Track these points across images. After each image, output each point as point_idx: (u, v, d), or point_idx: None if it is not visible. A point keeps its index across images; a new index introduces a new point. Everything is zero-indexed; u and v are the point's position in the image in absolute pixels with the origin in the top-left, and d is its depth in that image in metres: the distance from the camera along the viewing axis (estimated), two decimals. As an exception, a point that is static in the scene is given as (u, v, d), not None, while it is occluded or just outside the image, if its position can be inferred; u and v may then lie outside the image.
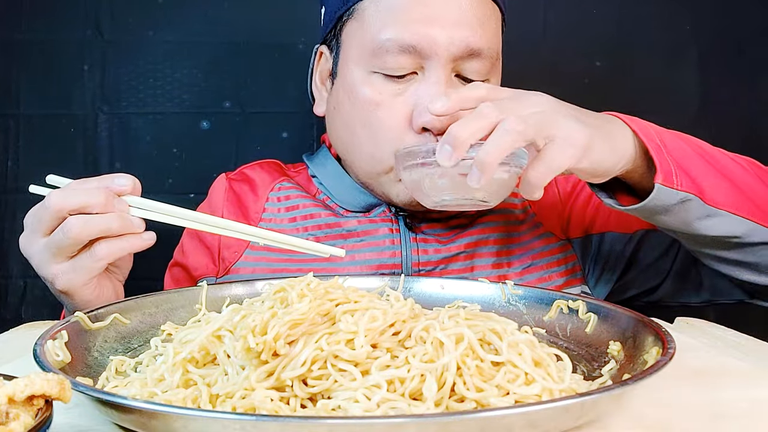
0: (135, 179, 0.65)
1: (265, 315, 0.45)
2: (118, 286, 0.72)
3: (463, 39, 0.75)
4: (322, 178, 0.90)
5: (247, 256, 0.86)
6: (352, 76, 0.79)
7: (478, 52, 0.76)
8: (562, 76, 1.18)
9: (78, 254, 0.64)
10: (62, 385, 0.36)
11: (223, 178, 0.94)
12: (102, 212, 0.62)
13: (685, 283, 0.85)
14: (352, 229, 0.84)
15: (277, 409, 0.41)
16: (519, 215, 0.88)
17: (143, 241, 0.65)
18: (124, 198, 0.64)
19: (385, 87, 0.77)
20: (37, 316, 0.82)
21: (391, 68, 0.76)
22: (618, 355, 0.53)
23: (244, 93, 1.15)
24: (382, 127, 0.77)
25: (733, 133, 1.18)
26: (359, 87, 0.78)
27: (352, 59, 0.80)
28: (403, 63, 0.76)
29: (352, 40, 0.80)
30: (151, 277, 0.92)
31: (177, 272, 0.91)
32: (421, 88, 0.76)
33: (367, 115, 0.78)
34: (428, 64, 0.75)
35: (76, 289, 0.65)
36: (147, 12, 1.13)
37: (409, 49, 0.75)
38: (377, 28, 0.76)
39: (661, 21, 1.18)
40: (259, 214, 0.88)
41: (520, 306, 0.65)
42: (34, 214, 0.65)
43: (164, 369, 0.47)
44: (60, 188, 0.65)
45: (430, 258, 0.83)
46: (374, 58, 0.77)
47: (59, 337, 0.51)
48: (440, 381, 0.42)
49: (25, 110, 1.12)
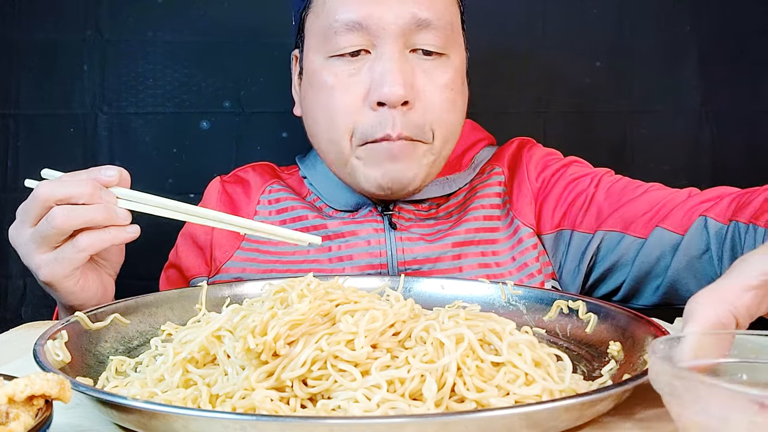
0: (123, 170, 0.65)
1: (264, 315, 0.45)
2: (108, 280, 0.71)
3: (409, 11, 0.77)
4: (312, 178, 0.92)
5: (237, 256, 0.87)
6: (312, 65, 0.82)
7: (426, 22, 0.78)
8: (562, 76, 1.18)
9: (61, 245, 0.64)
10: (62, 385, 0.36)
11: (217, 181, 0.95)
12: (88, 203, 0.62)
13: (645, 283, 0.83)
14: (337, 230, 0.85)
15: (277, 409, 0.41)
16: (500, 215, 0.88)
17: (127, 234, 0.65)
18: (113, 190, 0.64)
19: (341, 69, 0.79)
20: (37, 316, 0.82)
21: (342, 47, 0.78)
22: (618, 355, 0.53)
23: (244, 93, 1.15)
24: (338, 108, 0.79)
25: (733, 133, 1.18)
26: (319, 74, 0.80)
27: (311, 49, 0.82)
28: (353, 41, 0.78)
29: (311, 30, 0.82)
30: (151, 277, 0.92)
31: (172, 273, 0.91)
32: (375, 65, 0.77)
33: (325, 99, 0.80)
34: (378, 42, 0.77)
35: (59, 280, 0.65)
36: (147, 12, 1.13)
37: (357, 27, 0.77)
38: (329, 13, 0.79)
39: (661, 21, 1.18)
40: (251, 216, 0.89)
41: (520, 306, 0.65)
42: (24, 205, 0.65)
43: (164, 369, 0.47)
44: (50, 179, 0.65)
45: (416, 257, 0.83)
46: (327, 42, 0.79)
47: (59, 337, 0.51)
48: (440, 381, 0.42)
49: (25, 110, 1.12)
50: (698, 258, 0.76)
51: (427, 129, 0.79)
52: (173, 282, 0.91)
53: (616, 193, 0.85)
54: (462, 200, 0.90)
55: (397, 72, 0.76)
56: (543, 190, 0.90)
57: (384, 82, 0.76)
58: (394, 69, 0.76)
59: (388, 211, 0.86)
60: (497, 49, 1.14)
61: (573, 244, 0.86)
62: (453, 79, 0.81)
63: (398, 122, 0.77)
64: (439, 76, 0.80)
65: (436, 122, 0.80)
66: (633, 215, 0.82)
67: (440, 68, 0.80)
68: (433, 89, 0.79)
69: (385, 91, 0.75)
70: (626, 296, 0.85)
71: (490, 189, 0.90)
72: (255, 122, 1.16)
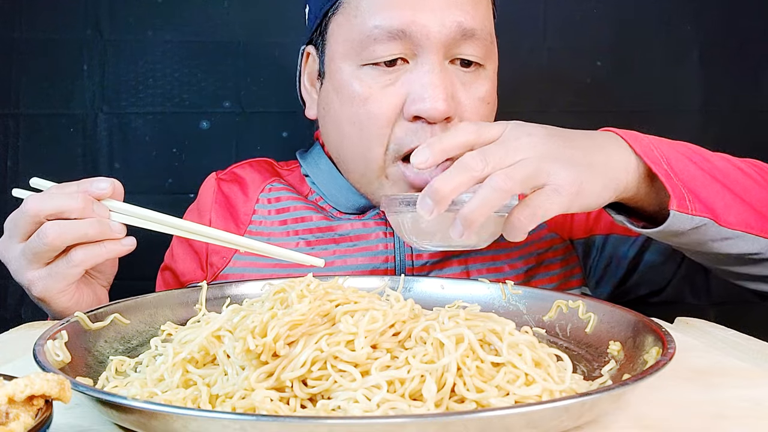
0: (116, 182, 0.63)
1: (264, 316, 0.45)
2: (101, 291, 0.70)
3: (455, 20, 0.72)
4: (315, 177, 0.88)
5: (236, 262, 0.84)
6: (340, 73, 0.76)
7: (471, 32, 0.73)
8: (562, 76, 1.18)
9: (54, 260, 0.62)
10: (62, 385, 0.36)
11: (212, 177, 0.92)
12: (80, 217, 0.61)
13: (691, 287, 0.84)
14: (344, 233, 0.83)
15: (277, 409, 0.41)
16: None
17: (122, 247, 0.63)
18: (106, 203, 0.63)
19: (375, 80, 0.74)
20: (37, 317, 0.82)
21: (380, 56, 0.73)
22: (618, 355, 0.53)
23: (244, 93, 1.15)
24: (371, 120, 0.74)
25: (733, 133, 1.18)
26: (348, 83, 0.75)
27: (339, 55, 0.76)
28: (392, 50, 0.72)
29: (338, 35, 0.77)
30: (148, 278, 0.92)
31: (167, 276, 0.90)
32: (414, 76, 0.73)
33: (356, 111, 0.75)
34: (420, 51, 0.72)
35: (53, 296, 0.64)
36: (147, 12, 1.13)
37: (399, 35, 0.72)
38: (365, 18, 0.73)
39: (661, 21, 1.18)
40: (249, 216, 0.86)
41: (520, 306, 0.65)
42: (13, 218, 0.63)
43: (164, 369, 0.47)
44: (39, 192, 0.63)
45: (425, 262, 0.81)
46: (363, 49, 0.73)
47: (59, 337, 0.51)
48: (440, 382, 0.42)
49: (25, 110, 1.12)
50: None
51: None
52: (169, 284, 0.89)
53: None
54: None
55: (439, 85, 0.71)
56: None
57: (425, 95, 0.71)
58: (435, 82, 0.71)
59: None
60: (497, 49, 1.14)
61: (608, 248, 0.85)
62: (489, 92, 0.78)
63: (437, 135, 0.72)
64: (477, 89, 0.76)
65: None
66: None
67: (478, 80, 0.76)
68: (471, 103, 0.75)
69: (427, 106, 0.70)
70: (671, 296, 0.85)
71: None
72: (255, 122, 1.16)
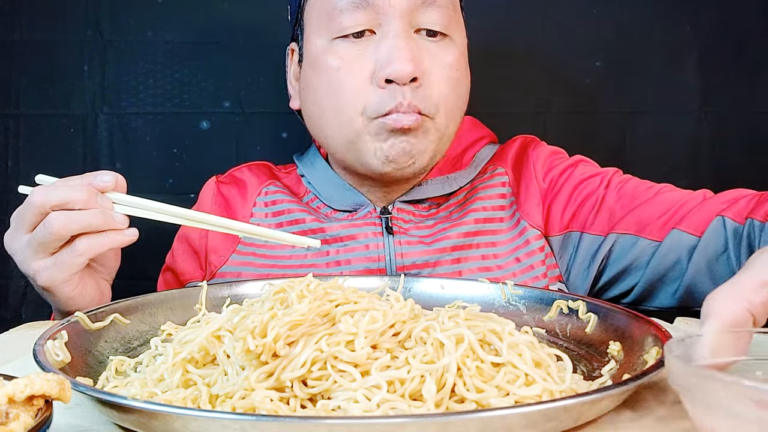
0: (118, 175, 0.65)
1: (264, 316, 0.45)
2: (104, 284, 0.71)
3: None
4: (310, 177, 0.91)
5: (233, 261, 0.86)
6: (315, 48, 0.81)
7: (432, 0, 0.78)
8: (562, 76, 1.18)
9: (59, 250, 0.64)
10: (62, 385, 0.36)
11: (212, 181, 0.94)
12: (84, 208, 0.62)
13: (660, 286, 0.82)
14: (335, 234, 0.85)
15: (277, 409, 0.41)
16: (503, 217, 0.87)
17: (125, 237, 0.64)
18: (109, 195, 0.64)
19: (346, 51, 0.79)
20: (37, 316, 0.82)
21: (348, 27, 0.78)
22: (618, 355, 0.53)
23: (244, 93, 1.15)
24: (344, 87, 0.78)
25: (732, 133, 1.18)
26: (322, 56, 0.80)
27: (313, 33, 0.81)
28: (359, 20, 0.77)
29: (311, 16, 0.82)
30: (150, 278, 0.92)
31: (169, 277, 0.91)
32: (381, 44, 0.77)
33: (329, 80, 0.79)
34: (384, 19, 0.77)
35: (57, 286, 0.65)
36: (147, 12, 1.13)
37: (363, 4, 0.77)
38: None
39: (661, 21, 1.18)
40: (247, 219, 0.89)
41: (520, 306, 0.65)
42: (19, 211, 0.65)
43: (164, 369, 0.47)
44: (44, 185, 0.65)
45: (415, 260, 0.82)
46: (331, 21, 0.78)
47: (59, 337, 0.51)
48: (440, 382, 0.42)
49: (25, 110, 1.12)
50: (716, 260, 0.76)
51: (434, 105, 0.79)
52: (170, 285, 0.90)
53: (627, 194, 0.84)
54: (462, 200, 0.88)
55: (404, 47, 0.76)
56: (551, 190, 0.89)
57: (392, 59, 0.75)
58: (401, 45, 0.76)
59: (387, 213, 0.85)
60: (497, 49, 1.14)
61: (582, 246, 0.86)
62: (458, 60, 0.82)
63: (408, 95, 0.76)
64: (444, 57, 0.80)
65: (442, 101, 0.79)
66: (647, 218, 0.81)
67: (445, 50, 0.81)
68: (438, 70, 0.79)
69: (394, 67, 0.75)
70: (638, 299, 0.85)
71: (492, 190, 0.89)
72: (255, 122, 1.16)
